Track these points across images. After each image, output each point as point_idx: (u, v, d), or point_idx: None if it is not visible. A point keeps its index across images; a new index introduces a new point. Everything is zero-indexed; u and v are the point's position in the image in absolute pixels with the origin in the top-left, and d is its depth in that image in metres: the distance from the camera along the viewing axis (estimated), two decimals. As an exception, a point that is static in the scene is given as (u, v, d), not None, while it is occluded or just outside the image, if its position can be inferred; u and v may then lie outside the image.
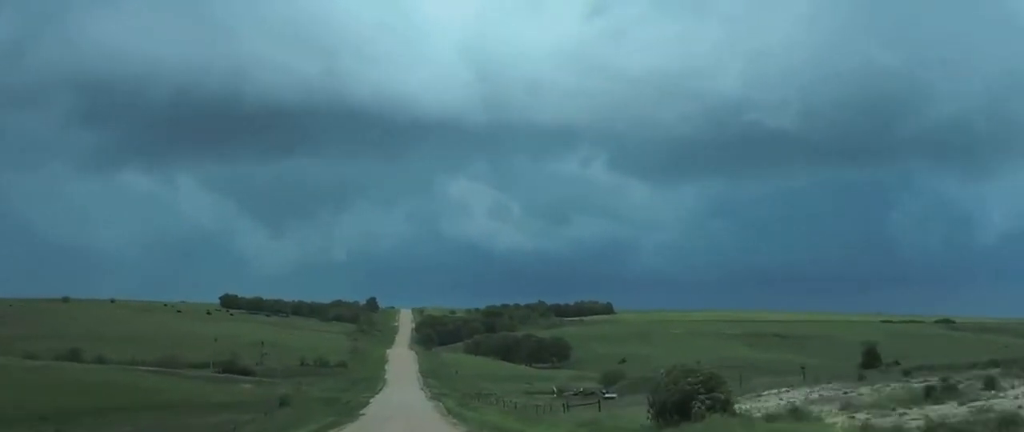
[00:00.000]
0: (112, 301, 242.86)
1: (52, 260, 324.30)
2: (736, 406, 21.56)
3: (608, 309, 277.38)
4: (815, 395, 33.82)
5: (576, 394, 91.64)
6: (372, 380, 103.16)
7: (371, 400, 64.89)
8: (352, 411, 50.44)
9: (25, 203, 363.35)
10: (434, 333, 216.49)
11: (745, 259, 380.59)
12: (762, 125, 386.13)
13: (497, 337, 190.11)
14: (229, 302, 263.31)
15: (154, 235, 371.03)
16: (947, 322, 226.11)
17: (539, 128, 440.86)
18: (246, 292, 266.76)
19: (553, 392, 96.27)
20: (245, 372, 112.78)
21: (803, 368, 55.07)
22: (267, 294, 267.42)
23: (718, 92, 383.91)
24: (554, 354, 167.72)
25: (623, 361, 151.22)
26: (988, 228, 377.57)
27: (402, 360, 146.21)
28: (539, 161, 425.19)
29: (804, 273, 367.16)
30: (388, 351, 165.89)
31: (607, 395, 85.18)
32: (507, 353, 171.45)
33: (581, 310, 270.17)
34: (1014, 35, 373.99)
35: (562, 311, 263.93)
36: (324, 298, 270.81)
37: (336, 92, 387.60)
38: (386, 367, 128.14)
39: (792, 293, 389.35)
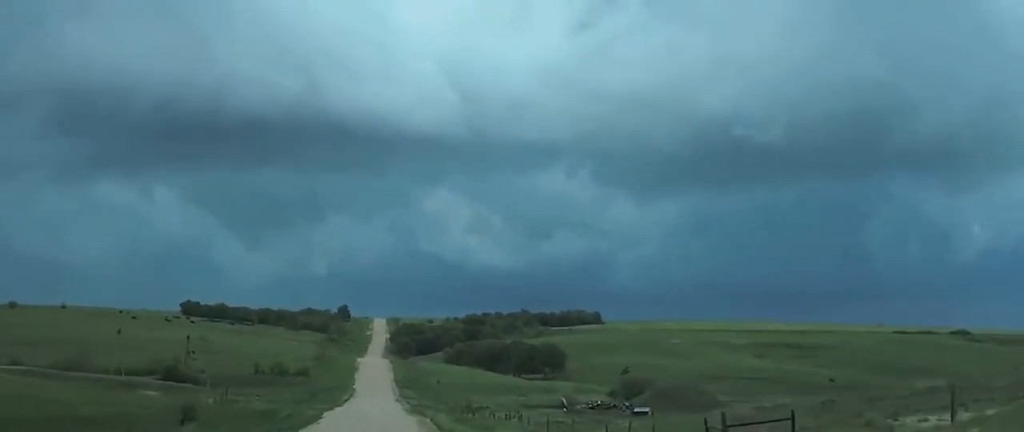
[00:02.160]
0: (63, 307, 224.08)
1: (18, 268, 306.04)
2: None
3: (597, 318, 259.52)
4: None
5: (592, 407, 74.75)
6: (337, 390, 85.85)
7: (326, 414, 47.63)
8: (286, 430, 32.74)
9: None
10: (411, 342, 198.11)
11: (731, 273, 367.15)
12: (750, 139, 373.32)
13: (482, 345, 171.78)
14: (191, 309, 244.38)
15: (129, 246, 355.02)
16: (963, 333, 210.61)
17: (521, 142, 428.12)
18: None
19: (562, 406, 78.62)
20: (185, 379, 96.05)
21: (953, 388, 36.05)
22: (240, 305, 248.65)
23: (705, 107, 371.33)
24: (546, 364, 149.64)
25: (626, 371, 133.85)
26: (986, 241, 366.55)
27: (375, 368, 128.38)
28: (521, 175, 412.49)
29: (790, 286, 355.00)
30: (360, 359, 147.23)
31: (637, 411, 68.76)
32: (492, 362, 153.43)
33: (567, 319, 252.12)
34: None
35: (547, 320, 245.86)
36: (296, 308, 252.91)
37: (315, 106, 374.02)
38: (355, 376, 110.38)
39: (780, 306, 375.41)
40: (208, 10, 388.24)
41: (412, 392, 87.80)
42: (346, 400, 69.99)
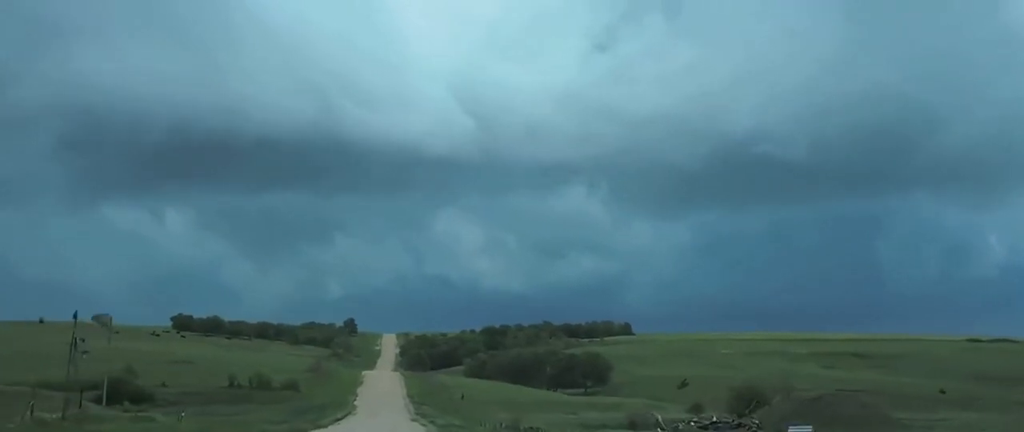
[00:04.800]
0: (41, 321, 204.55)
1: (26, 289, 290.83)
2: None
3: (627, 330, 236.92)
4: None
5: (704, 427, 52.97)
6: (330, 406, 64.59)
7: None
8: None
9: (7, 235, 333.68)
10: (425, 355, 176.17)
11: (752, 289, 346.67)
12: (773, 156, 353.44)
13: (509, 356, 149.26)
14: (182, 323, 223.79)
15: (139, 268, 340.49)
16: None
17: (536, 163, 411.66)
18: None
19: (657, 426, 56.51)
20: (142, 397, 75.71)
21: None
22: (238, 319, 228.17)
23: (728, 124, 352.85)
24: (588, 376, 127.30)
25: (684, 384, 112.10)
26: (1009, 254, 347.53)
27: (383, 382, 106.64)
28: (536, 196, 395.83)
29: (815, 301, 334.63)
30: (365, 373, 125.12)
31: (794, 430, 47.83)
32: (521, 375, 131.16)
33: (595, 331, 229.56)
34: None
35: (574, 332, 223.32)
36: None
37: (328, 130, 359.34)
38: (358, 390, 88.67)
39: (802, 320, 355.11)
40: (221, 35, 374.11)
41: (433, 410, 66.69)
42: (338, 419, 48.99)
